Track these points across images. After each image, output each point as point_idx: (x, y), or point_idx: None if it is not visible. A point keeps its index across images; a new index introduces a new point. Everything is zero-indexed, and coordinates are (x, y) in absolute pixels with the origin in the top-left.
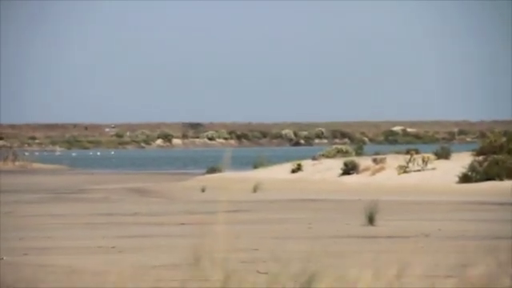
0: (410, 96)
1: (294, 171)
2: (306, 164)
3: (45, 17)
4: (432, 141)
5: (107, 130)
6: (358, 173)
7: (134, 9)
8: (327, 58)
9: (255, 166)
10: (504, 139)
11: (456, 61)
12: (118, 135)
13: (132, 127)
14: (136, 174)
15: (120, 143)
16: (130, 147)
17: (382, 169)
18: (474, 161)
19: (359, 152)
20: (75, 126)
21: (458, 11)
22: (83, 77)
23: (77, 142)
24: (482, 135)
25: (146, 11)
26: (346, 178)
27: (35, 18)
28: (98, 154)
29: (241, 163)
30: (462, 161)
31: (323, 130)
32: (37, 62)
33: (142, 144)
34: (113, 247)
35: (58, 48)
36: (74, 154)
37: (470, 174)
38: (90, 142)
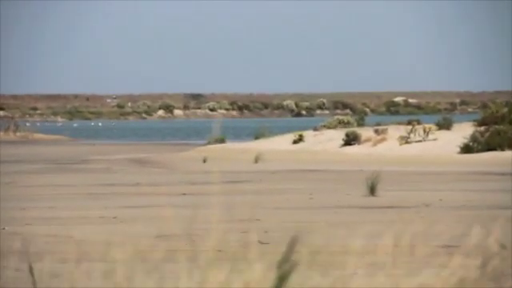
0: (412, 67)
1: (295, 142)
2: (308, 135)
3: None
4: (434, 111)
5: (109, 100)
6: (359, 143)
7: None
8: (328, 28)
9: (257, 137)
10: (506, 109)
11: (458, 31)
12: (120, 106)
13: (133, 98)
14: (137, 145)
15: (121, 114)
16: (131, 118)
17: (383, 139)
18: (476, 131)
19: (361, 123)
20: (76, 96)
21: None
22: (85, 48)
23: (78, 113)
24: (484, 106)
25: None
26: (348, 148)
27: None
28: (100, 124)
29: (242, 134)
30: (463, 131)
31: (325, 100)
32: (38, 33)
33: (144, 115)
34: (114, 217)
35: (59, 20)
36: (75, 125)
37: (471, 144)
38: (91, 112)
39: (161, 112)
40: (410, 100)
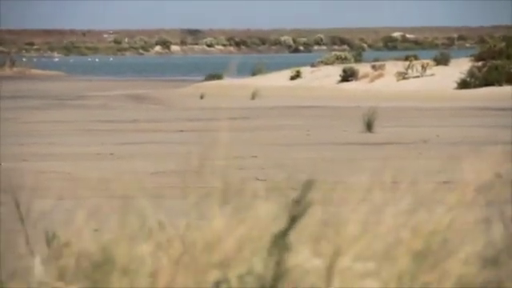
0: (410, 1)
1: (292, 78)
2: (305, 71)
3: None
4: (431, 47)
5: (105, 36)
6: (356, 79)
7: None
8: None
9: (254, 73)
10: (503, 44)
11: None
12: (116, 41)
13: (130, 33)
14: (135, 81)
15: (118, 49)
16: (128, 54)
17: (380, 75)
18: (473, 66)
19: (358, 59)
20: (73, 31)
21: None
22: None
23: (75, 49)
24: (482, 40)
25: None
26: (345, 84)
27: None
28: (97, 60)
29: (239, 70)
30: (460, 67)
31: (322, 36)
32: None
33: (141, 50)
34: (111, 154)
35: None
36: (72, 61)
37: (468, 79)
38: (88, 48)
39: (158, 48)
40: (408, 35)
